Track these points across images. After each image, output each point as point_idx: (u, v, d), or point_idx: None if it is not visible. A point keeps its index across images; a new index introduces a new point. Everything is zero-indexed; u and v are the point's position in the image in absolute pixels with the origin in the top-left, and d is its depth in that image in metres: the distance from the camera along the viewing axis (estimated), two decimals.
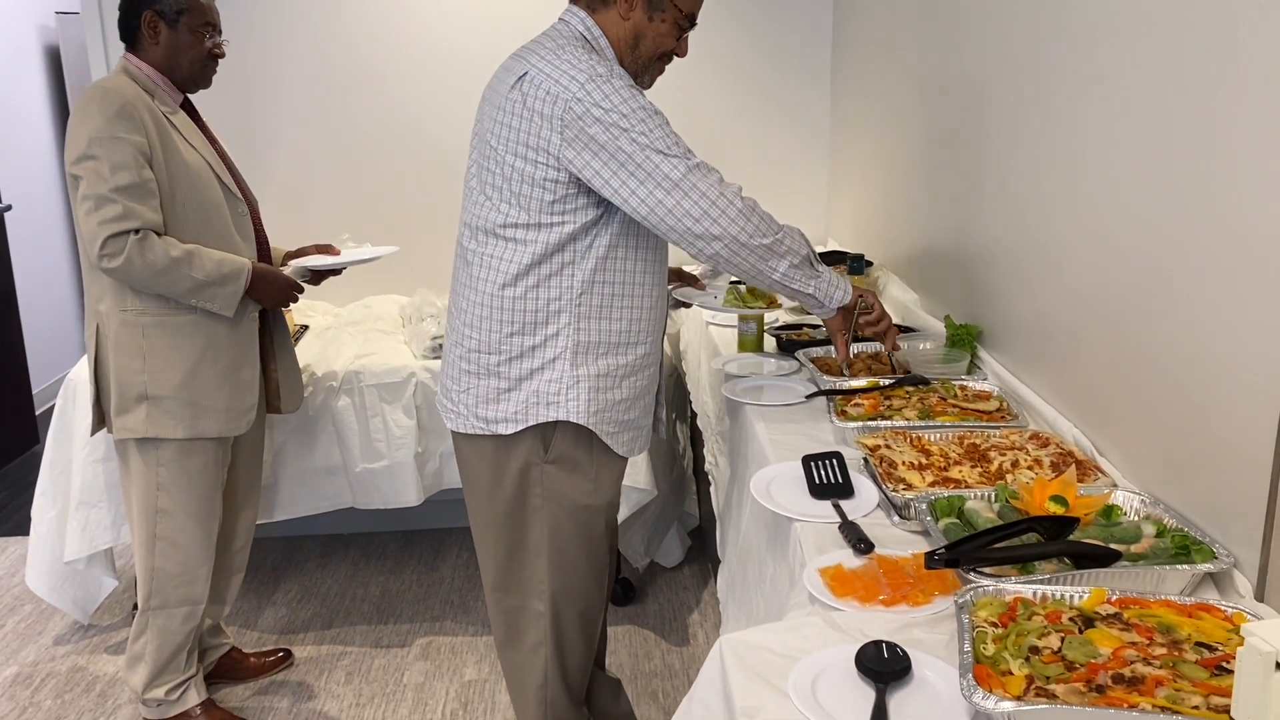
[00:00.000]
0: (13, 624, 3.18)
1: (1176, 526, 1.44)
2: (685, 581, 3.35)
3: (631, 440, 1.99)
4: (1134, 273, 1.63)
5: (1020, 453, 1.73)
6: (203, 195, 2.38)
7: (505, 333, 1.86)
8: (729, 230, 1.76)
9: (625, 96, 1.73)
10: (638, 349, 1.92)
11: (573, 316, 1.84)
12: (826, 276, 1.93)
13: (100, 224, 2.22)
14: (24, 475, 4.42)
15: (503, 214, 1.82)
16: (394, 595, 3.32)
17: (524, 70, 1.79)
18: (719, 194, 1.75)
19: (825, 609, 1.36)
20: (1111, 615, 1.22)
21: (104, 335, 2.38)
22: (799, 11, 3.73)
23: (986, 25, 2.25)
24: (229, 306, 2.38)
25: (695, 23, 1.93)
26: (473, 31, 3.66)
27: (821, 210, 3.91)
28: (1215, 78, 1.40)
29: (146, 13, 2.34)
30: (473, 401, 1.92)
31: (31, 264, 5.12)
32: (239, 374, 2.47)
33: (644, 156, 1.72)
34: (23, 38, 5.19)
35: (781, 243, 1.83)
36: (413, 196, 3.78)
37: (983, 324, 2.30)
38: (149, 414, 2.38)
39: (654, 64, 1.93)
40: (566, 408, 1.87)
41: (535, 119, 1.75)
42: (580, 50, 1.78)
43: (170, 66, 2.39)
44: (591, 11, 1.87)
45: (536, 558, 1.98)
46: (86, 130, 2.23)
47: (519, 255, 1.82)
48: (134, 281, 2.29)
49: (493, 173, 1.82)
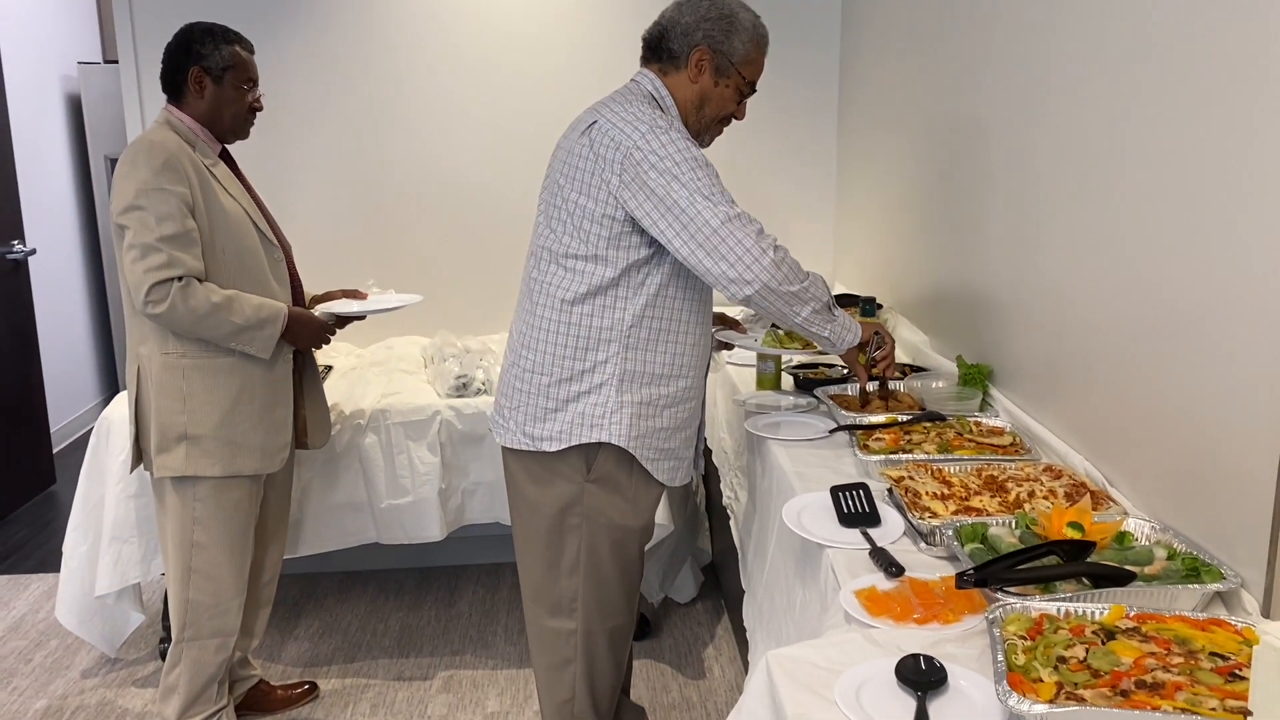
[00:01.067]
0: (40, 658, 3.24)
1: (1186, 550, 1.54)
2: (699, 616, 3.43)
3: (672, 470, 2.12)
4: (1138, 310, 1.74)
5: (1035, 484, 1.83)
6: (241, 242, 2.48)
7: (558, 355, 2.01)
8: (760, 277, 1.90)
9: (680, 148, 1.91)
10: (680, 381, 2.06)
11: (621, 346, 1.99)
12: (841, 320, 2.08)
13: (146, 271, 2.32)
14: (42, 514, 4.48)
15: (564, 244, 1.99)
16: (414, 630, 3.38)
17: (594, 120, 1.98)
18: (754, 242, 1.90)
19: (862, 627, 1.45)
20: (1131, 629, 1.32)
21: (145, 376, 2.47)
22: (804, 56, 3.87)
23: (990, 68, 2.38)
24: (266, 349, 2.47)
25: (755, 89, 2.12)
26: (492, 83, 3.80)
27: (829, 253, 4.04)
28: (1218, 113, 1.52)
29: (193, 68, 2.45)
30: (522, 418, 2.07)
31: (52, 306, 5.22)
32: (274, 413, 2.56)
33: (689, 203, 1.88)
34: (46, 87, 5.33)
35: (807, 290, 1.97)
36: (432, 242, 3.89)
37: (992, 363, 2.41)
38: (188, 453, 2.46)
39: (715, 126, 2.12)
40: (609, 430, 2.01)
41: (600, 162, 1.93)
42: (646, 106, 1.97)
43: (213, 119, 2.50)
44: (663, 75, 2.07)
45: (572, 574, 2.10)
46: (134, 182, 2.33)
47: (576, 284, 1.99)
48: (177, 326, 2.38)
49: (559, 208, 2.00)
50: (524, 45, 3.79)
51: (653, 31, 2.09)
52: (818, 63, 3.89)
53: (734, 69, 2.05)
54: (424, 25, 3.75)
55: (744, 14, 2.07)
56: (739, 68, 2.06)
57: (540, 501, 2.08)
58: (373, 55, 3.75)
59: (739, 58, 2.05)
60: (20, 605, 3.60)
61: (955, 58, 2.62)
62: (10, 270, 4.55)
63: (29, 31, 5.16)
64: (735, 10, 2.05)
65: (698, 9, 2.04)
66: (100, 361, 5.85)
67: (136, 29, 3.60)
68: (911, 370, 2.67)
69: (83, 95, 5.38)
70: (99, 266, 5.72)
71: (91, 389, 5.72)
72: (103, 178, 5.48)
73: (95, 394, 5.73)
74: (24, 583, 3.79)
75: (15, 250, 4.54)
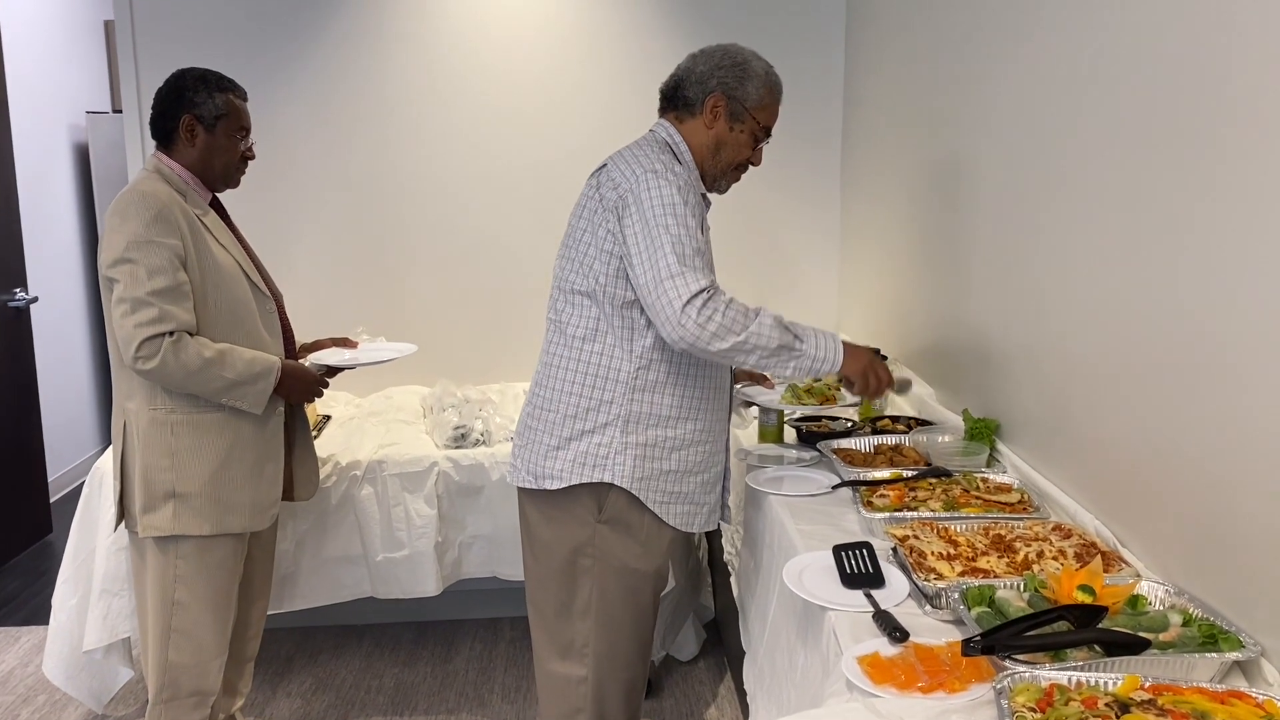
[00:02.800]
0: (27, 714, 3.16)
1: (1203, 616, 1.48)
2: (701, 675, 3.35)
3: (687, 515, 2.10)
4: (1149, 363, 1.69)
5: (1045, 543, 1.77)
6: (232, 294, 2.43)
7: (567, 392, 2.04)
8: (684, 337, 1.89)
9: (667, 195, 1.94)
10: (689, 424, 2.06)
11: (628, 388, 2.01)
12: (809, 354, 1.97)
13: (136, 327, 2.26)
14: (37, 564, 4.42)
15: (571, 280, 2.05)
16: (409, 687, 3.30)
17: (604, 164, 2.08)
18: (682, 306, 1.87)
19: (865, 695, 1.39)
20: (1146, 701, 1.25)
21: (131, 432, 2.41)
22: (808, 106, 3.86)
23: (995, 120, 2.36)
24: (258, 404, 2.42)
25: (770, 135, 2.15)
26: (494, 133, 3.80)
27: (833, 306, 4.01)
28: (1231, 159, 1.48)
29: (185, 116, 2.41)
30: (530, 456, 2.09)
31: (53, 354, 5.20)
32: (264, 469, 2.50)
33: (652, 251, 1.91)
34: (53, 136, 5.36)
35: (747, 342, 1.90)
36: (434, 291, 3.87)
37: (1000, 417, 2.36)
38: (176, 511, 2.39)
39: (731, 172, 2.16)
40: (613, 470, 2.01)
41: (604, 202, 2.01)
42: (659, 152, 2.03)
43: (204, 168, 2.45)
44: (679, 123, 2.12)
45: (583, 617, 2.08)
46: (124, 235, 2.28)
47: (584, 320, 2.03)
48: (168, 382, 2.33)
49: (571, 245, 2.07)
50: (526, 93, 3.80)
51: (669, 82, 2.15)
52: (821, 115, 3.89)
53: (748, 114, 2.09)
54: (423, 72, 3.77)
55: (757, 63, 2.11)
56: (753, 113, 2.09)
57: (552, 541, 2.09)
58: (372, 102, 3.76)
59: (753, 103, 2.09)
60: (9, 659, 3.53)
61: (957, 111, 2.61)
62: (12, 318, 4.53)
63: (38, 80, 5.20)
64: (748, 59, 2.10)
65: (711, 58, 2.10)
66: (100, 411, 5.81)
67: (141, 79, 3.62)
68: (917, 424, 2.62)
69: (90, 144, 5.41)
70: (101, 315, 5.71)
71: (91, 438, 5.68)
72: None
73: (95, 443, 5.69)
74: (14, 635, 3.72)
75: (17, 298, 4.53)
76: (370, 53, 3.72)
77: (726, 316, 1.90)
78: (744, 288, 3.90)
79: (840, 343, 2.02)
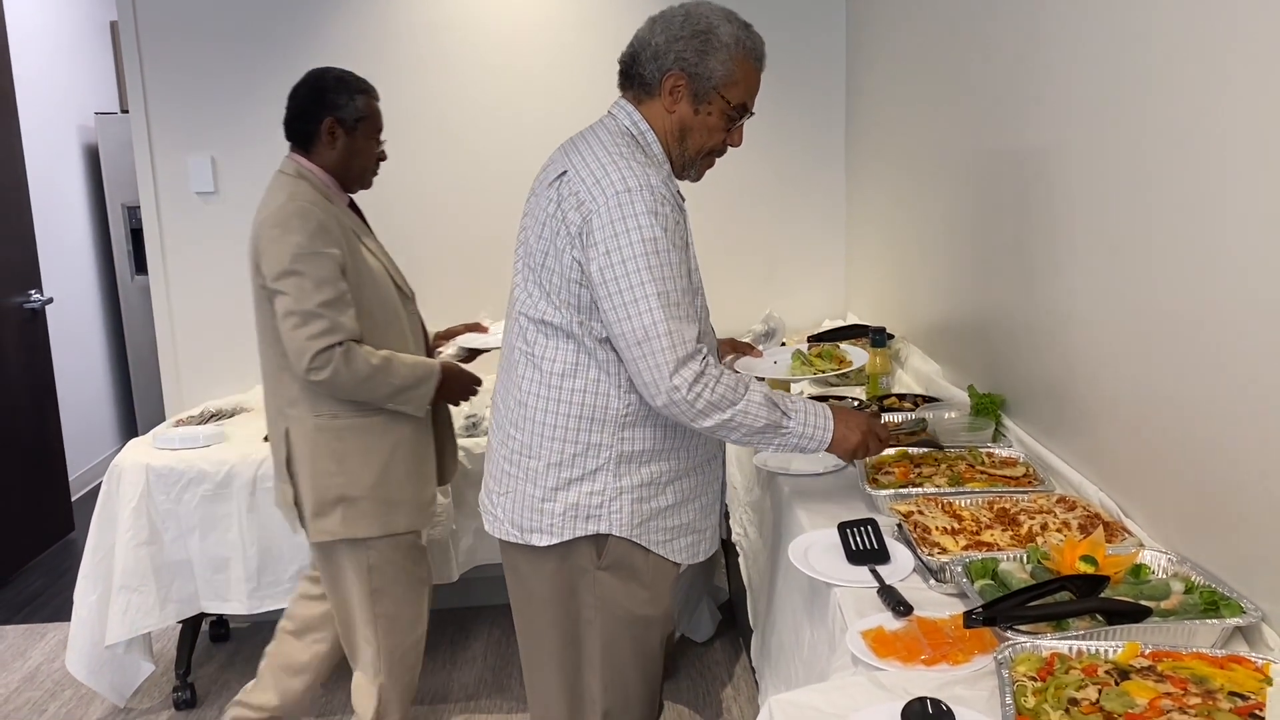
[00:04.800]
0: (54, 709, 3.22)
1: (1204, 583, 1.49)
2: (717, 655, 3.37)
3: (691, 545, 1.92)
4: (1153, 335, 1.70)
5: (1049, 516, 1.78)
6: (384, 298, 2.45)
7: (549, 436, 1.80)
8: (670, 407, 1.71)
9: (646, 224, 1.68)
10: (683, 453, 1.86)
11: (617, 426, 1.79)
12: (795, 431, 1.78)
13: (309, 339, 2.27)
14: (60, 562, 4.49)
15: (541, 310, 1.79)
16: (428, 674, 3.34)
17: (564, 169, 1.77)
18: (674, 370, 1.68)
19: (869, 669, 1.41)
20: (1146, 668, 1.27)
21: (296, 439, 2.43)
22: (812, 89, 3.85)
23: (999, 100, 2.35)
24: (421, 407, 2.46)
25: (750, 111, 1.85)
26: (507, 126, 3.80)
27: (841, 284, 4.01)
28: (1232, 135, 1.48)
29: (327, 119, 2.41)
30: (510, 505, 1.87)
31: (70, 354, 5.26)
32: (424, 467, 2.55)
33: (639, 295, 1.68)
34: (63, 137, 5.41)
35: (732, 420, 1.72)
36: (446, 280, 3.86)
37: (1005, 392, 2.37)
38: (344, 515, 2.42)
39: (702, 159, 1.87)
40: (609, 520, 1.81)
41: (564, 226, 1.73)
42: (623, 148, 1.75)
43: (343, 170, 2.45)
44: (638, 104, 1.83)
45: (589, 675, 1.89)
46: (288, 247, 2.28)
47: (562, 355, 1.78)
48: (339, 391, 2.34)
49: (534, 269, 1.80)
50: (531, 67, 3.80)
51: (625, 54, 1.84)
52: (824, 96, 3.88)
53: (715, 93, 1.78)
54: (443, 67, 3.77)
55: (725, 28, 1.77)
56: (721, 91, 1.78)
57: (549, 594, 1.87)
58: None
59: (720, 79, 1.78)
60: (36, 655, 3.59)
61: (962, 89, 2.60)
62: (28, 319, 4.58)
63: (47, 82, 5.24)
64: (714, 25, 1.77)
65: (670, 26, 1.78)
66: (119, 409, 5.87)
67: (146, 80, 3.63)
68: (924, 401, 2.63)
69: (100, 145, 5.45)
70: (117, 314, 5.77)
71: (110, 436, 5.74)
72: (120, 226, 5.53)
73: (114, 441, 5.75)
74: (40, 632, 3.78)
75: (33, 299, 4.58)
76: (380, 50, 3.72)
77: (716, 393, 1.70)
78: (751, 271, 3.92)
79: (831, 421, 1.81)
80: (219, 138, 3.70)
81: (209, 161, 3.68)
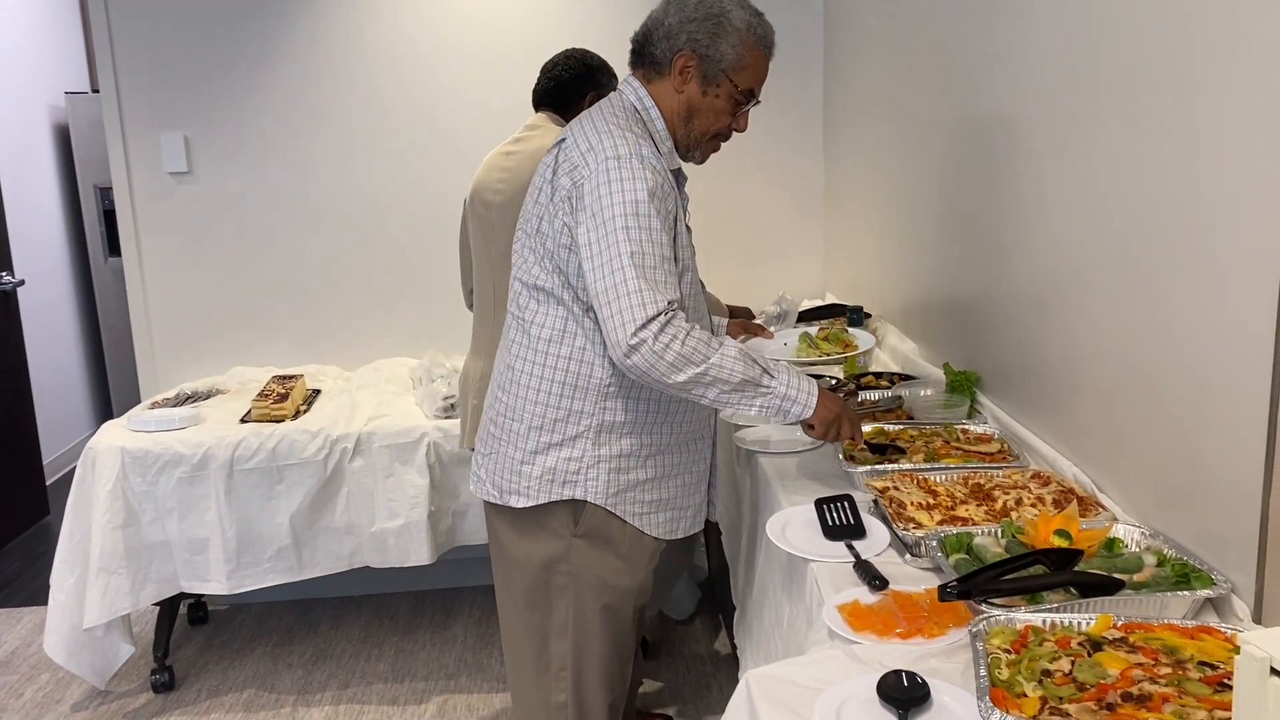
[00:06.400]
0: (31, 692, 3.20)
1: (1176, 556, 1.51)
2: (697, 633, 3.39)
3: (670, 521, 1.93)
4: (1120, 315, 1.71)
5: (1023, 491, 1.80)
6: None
7: (531, 400, 1.83)
8: (639, 364, 1.68)
9: (630, 188, 1.70)
10: (666, 428, 1.87)
11: (600, 395, 1.81)
12: (778, 392, 1.77)
13: None
14: (35, 546, 4.45)
15: (533, 275, 1.83)
16: (408, 655, 3.34)
17: (564, 136, 1.84)
18: (640, 325, 1.66)
19: (845, 643, 1.42)
20: (1118, 639, 1.28)
21: None
22: (790, 71, 3.84)
23: (973, 77, 2.36)
24: None
25: (757, 98, 1.89)
26: (484, 108, 3.78)
27: (819, 264, 4.01)
28: (1204, 115, 1.49)
29: (590, 95, 2.43)
30: (492, 466, 1.90)
31: (43, 337, 5.20)
32: None
33: (612, 254, 1.68)
34: (33, 117, 5.33)
35: (707, 374, 1.70)
36: (419, 260, 3.84)
37: (980, 370, 2.38)
38: None
39: (707, 142, 1.89)
40: (585, 487, 1.84)
41: (558, 190, 1.78)
42: (622, 120, 1.79)
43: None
44: (647, 82, 1.87)
45: (560, 640, 1.92)
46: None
47: (550, 320, 1.81)
48: None
49: (529, 235, 1.85)
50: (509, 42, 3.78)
51: (638, 33, 1.88)
52: (802, 75, 3.87)
53: (724, 76, 1.82)
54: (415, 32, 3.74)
55: (738, 13, 1.82)
56: (729, 75, 1.82)
57: (523, 557, 1.91)
58: (354, 85, 3.74)
59: (729, 63, 1.81)
60: (12, 639, 3.57)
61: (937, 67, 2.60)
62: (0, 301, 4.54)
63: (16, 61, 5.16)
64: (727, 9, 1.81)
65: (684, 8, 1.82)
66: (93, 392, 5.82)
67: (117, 58, 3.58)
68: (900, 379, 2.64)
69: (71, 125, 5.38)
70: (90, 297, 5.71)
71: (84, 420, 5.69)
72: (93, 208, 5.47)
73: (88, 425, 5.70)
74: (16, 616, 3.76)
75: (4, 281, 4.53)
76: (359, 25, 3.68)
77: (688, 345, 1.67)
78: (730, 253, 3.92)
79: (815, 387, 1.81)
80: (192, 116, 3.65)
81: (182, 140, 3.63)
